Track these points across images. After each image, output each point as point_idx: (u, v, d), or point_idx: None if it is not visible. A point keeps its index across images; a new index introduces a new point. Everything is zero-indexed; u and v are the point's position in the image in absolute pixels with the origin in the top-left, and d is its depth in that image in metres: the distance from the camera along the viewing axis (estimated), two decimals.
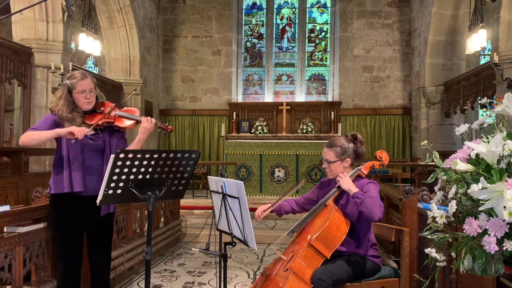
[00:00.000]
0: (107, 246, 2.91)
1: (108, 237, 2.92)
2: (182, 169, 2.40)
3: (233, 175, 9.01)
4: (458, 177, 1.37)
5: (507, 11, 6.36)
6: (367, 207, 2.42)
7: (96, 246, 2.84)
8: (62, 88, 2.78)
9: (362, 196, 2.46)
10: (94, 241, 2.84)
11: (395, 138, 10.72)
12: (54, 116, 2.71)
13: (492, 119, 1.41)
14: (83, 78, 2.72)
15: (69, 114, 2.69)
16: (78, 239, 2.75)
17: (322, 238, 2.47)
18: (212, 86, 11.35)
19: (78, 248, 2.74)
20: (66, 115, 2.68)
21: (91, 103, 2.76)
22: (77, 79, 2.71)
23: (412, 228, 3.48)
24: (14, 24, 6.75)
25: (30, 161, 6.21)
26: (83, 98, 2.71)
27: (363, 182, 2.67)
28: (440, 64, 9.28)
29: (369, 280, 2.62)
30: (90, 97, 2.73)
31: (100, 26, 9.38)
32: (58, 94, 2.78)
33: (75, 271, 2.73)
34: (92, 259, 2.85)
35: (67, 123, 2.67)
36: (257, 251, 5.46)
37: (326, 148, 2.76)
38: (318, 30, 11.71)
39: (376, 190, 2.59)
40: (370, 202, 2.43)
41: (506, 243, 1.20)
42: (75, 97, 2.71)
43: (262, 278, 2.62)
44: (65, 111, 2.69)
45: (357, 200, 2.47)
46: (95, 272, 2.86)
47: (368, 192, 2.56)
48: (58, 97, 2.76)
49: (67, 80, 2.74)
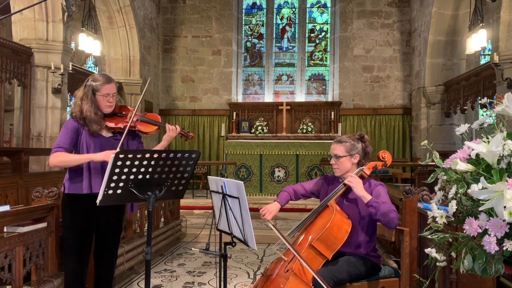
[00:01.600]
0: (115, 245, 2.96)
1: (118, 236, 2.98)
2: (182, 169, 2.40)
3: (233, 175, 9.01)
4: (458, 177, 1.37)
5: (507, 11, 6.35)
6: (384, 215, 2.40)
7: (105, 245, 2.88)
8: (83, 89, 2.77)
9: (377, 205, 2.43)
10: (104, 240, 2.87)
11: (395, 138, 10.72)
12: (75, 122, 2.72)
13: (492, 119, 1.41)
14: (108, 82, 2.77)
15: (95, 115, 2.71)
16: (89, 237, 2.79)
17: (323, 239, 2.47)
18: (212, 86, 11.35)
19: (88, 246, 2.79)
20: (93, 117, 2.71)
21: (111, 107, 2.80)
22: (103, 82, 2.75)
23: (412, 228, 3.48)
24: (14, 24, 6.74)
25: (30, 161, 6.20)
26: (106, 102, 2.75)
27: (371, 184, 2.64)
28: (440, 64, 9.27)
29: (369, 280, 2.62)
30: (112, 101, 2.78)
31: (100, 26, 9.38)
32: (79, 95, 2.77)
33: (83, 269, 2.77)
34: (100, 258, 2.88)
35: (95, 125, 2.70)
36: (257, 251, 5.47)
37: (335, 143, 2.74)
38: (318, 30, 11.71)
39: (386, 194, 2.57)
40: (386, 210, 2.41)
41: (506, 243, 1.20)
42: (98, 99, 2.74)
43: (262, 278, 2.62)
44: (92, 112, 2.71)
45: (373, 210, 2.44)
46: (101, 270, 2.89)
47: (379, 196, 2.54)
48: (79, 97, 2.76)
49: (92, 82, 2.75)
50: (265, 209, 2.69)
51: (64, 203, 2.80)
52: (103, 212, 2.72)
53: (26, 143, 6.50)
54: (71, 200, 2.74)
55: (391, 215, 2.41)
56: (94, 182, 2.68)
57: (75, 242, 2.74)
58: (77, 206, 2.72)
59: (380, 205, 2.43)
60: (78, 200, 2.70)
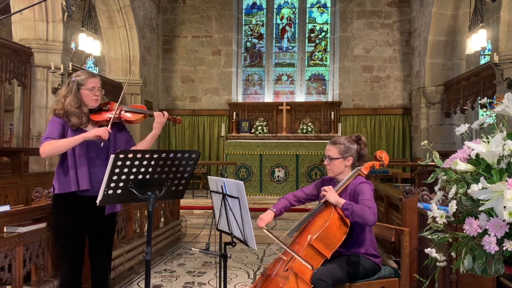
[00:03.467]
0: (109, 246, 2.95)
1: (111, 236, 2.96)
2: (182, 169, 2.40)
3: (233, 175, 9.00)
4: (458, 177, 1.37)
5: (507, 11, 6.35)
6: (358, 215, 2.41)
7: (99, 246, 2.86)
8: (66, 86, 2.79)
9: (349, 206, 2.45)
10: (96, 240, 2.86)
11: (395, 138, 10.72)
12: (59, 119, 2.71)
13: (492, 119, 1.41)
14: (93, 76, 2.80)
15: (77, 109, 2.71)
16: (81, 238, 2.78)
17: (322, 238, 2.47)
18: (212, 86, 11.35)
19: (81, 247, 2.78)
20: (74, 110, 2.70)
21: (97, 101, 2.80)
22: (87, 76, 2.77)
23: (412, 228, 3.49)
24: (14, 24, 6.74)
25: (30, 161, 6.21)
26: (92, 95, 2.75)
27: (356, 182, 2.64)
28: (440, 64, 9.27)
29: (369, 280, 2.62)
30: (98, 95, 2.78)
31: (100, 26, 9.37)
32: (62, 93, 2.79)
33: (78, 270, 2.76)
34: (94, 259, 2.88)
35: (74, 118, 2.69)
36: (257, 251, 5.46)
37: (329, 145, 2.75)
38: (318, 30, 11.71)
39: (369, 190, 2.56)
40: (359, 209, 2.42)
41: (506, 243, 1.20)
42: (84, 93, 2.74)
43: (262, 278, 2.62)
44: (73, 106, 2.70)
45: (347, 212, 2.46)
46: (96, 271, 2.88)
47: (361, 193, 2.54)
48: (62, 95, 2.77)
49: (76, 77, 2.76)
50: (259, 218, 2.71)
51: (55, 204, 2.79)
52: (95, 212, 2.68)
53: (26, 143, 6.51)
54: (61, 200, 2.72)
55: (365, 214, 2.39)
56: (81, 176, 2.64)
57: (68, 243, 2.73)
58: (68, 207, 2.70)
59: (352, 206, 2.45)
60: (69, 201, 2.68)
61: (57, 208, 2.76)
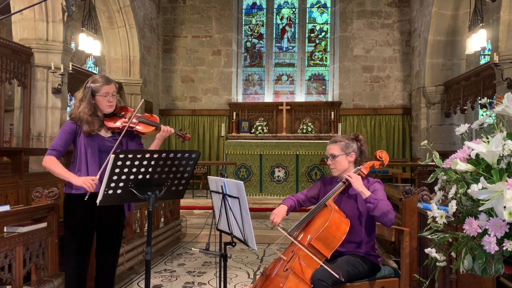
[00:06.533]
0: (117, 246, 2.97)
1: (119, 237, 2.99)
2: (182, 169, 2.41)
3: (233, 175, 9.00)
4: (458, 177, 1.37)
5: (507, 11, 6.35)
6: (382, 212, 2.44)
7: (106, 245, 2.89)
8: (83, 90, 2.83)
9: (376, 201, 2.47)
10: (105, 240, 2.88)
11: (395, 138, 10.72)
12: (72, 124, 2.77)
13: (492, 119, 1.41)
14: (108, 83, 2.82)
15: (89, 117, 2.76)
16: (89, 238, 2.81)
17: (322, 238, 2.48)
18: (212, 86, 11.35)
19: (88, 247, 2.80)
20: (86, 118, 2.75)
21: (112, 107, 2.84)
22: (102, 83, 2.80)
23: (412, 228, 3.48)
24: (14, 24, 6.74)
25: (30, 161, 6.20)
26: (106, 102, 2.79)
27: (369, 180, 2.68)
28: (440, 64, 9.27)
29: (369, 280, 2.62)
30: (112, 101, 2.82)
31: (100, 26, 9.37)
32: (78, 96, 2.84)
33: (83, 269, 2.78)
34: (101, 258, 2.89)
35: (86, 126, 2.74)
36: (257, 251, 5.46)
37: (330, 144, 2.78)
38: (318, 30, 11.71)
39: (383, 190, 2.62)
40: (384, 208, 2.45)
41: (506, 243, 1.20)
42: (98, 100, 2.79)
43: (262, 278, 2.63)
44: (86, 113, 2.76)
45: (370, 205, 2.48)
46: (102, 271, 2.90)
47: (376, 192, 2.57)
48: (78, 99, 2.82)
49: (92, 83, 2.80)
50: (272, 214, 2.73)
51: (65, 203, 2.81)
52: (104, 213, 2.73)
53: (26, 143, 6.50)
54: (71, 200, 2.75)
55: (389, 215, 2.46)
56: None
57: (74, 242, 2.75)
58: (78, 206, 2.73)
59: (378, 202, 2.47)
60: (78, 201, 2.70)
61: (68, 207, 2.79)
